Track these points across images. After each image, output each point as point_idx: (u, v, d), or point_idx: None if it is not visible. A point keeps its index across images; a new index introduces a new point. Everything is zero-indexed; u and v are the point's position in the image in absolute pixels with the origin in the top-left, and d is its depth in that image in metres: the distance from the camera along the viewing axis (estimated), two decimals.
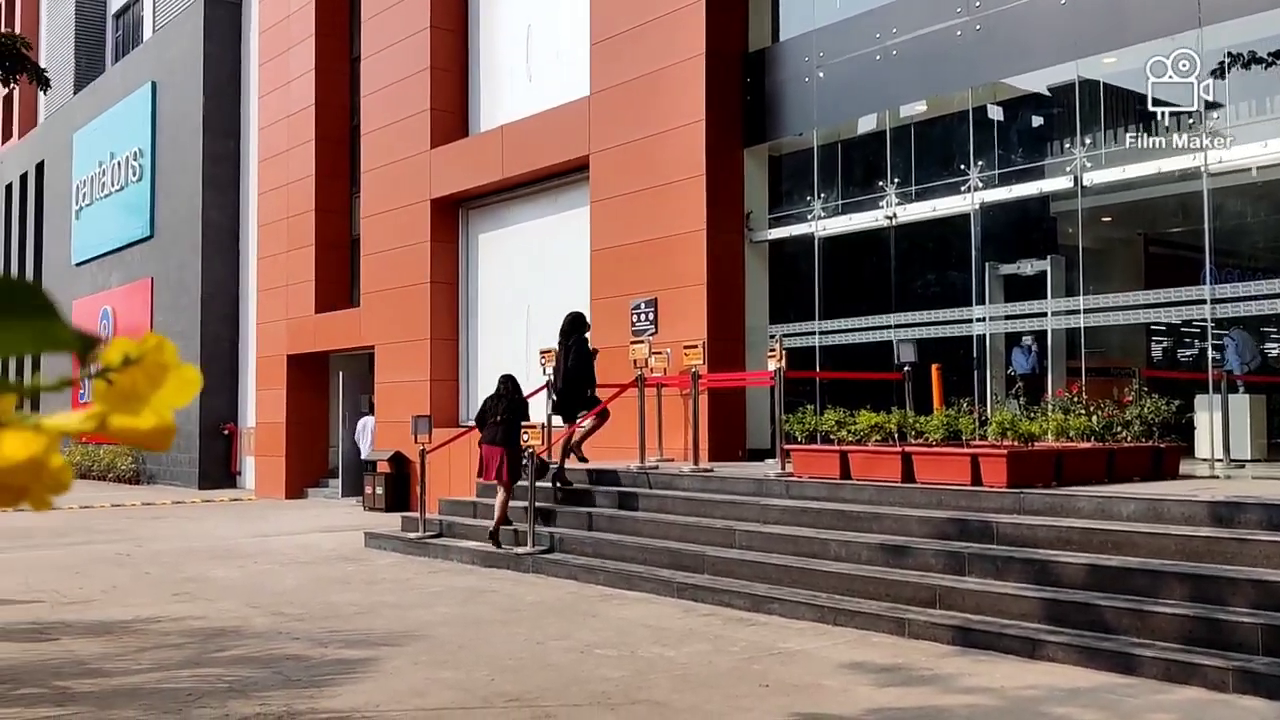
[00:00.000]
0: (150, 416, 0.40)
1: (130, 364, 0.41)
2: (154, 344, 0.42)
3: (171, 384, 0.42)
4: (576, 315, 11.96)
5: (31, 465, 0.39)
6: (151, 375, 0.41)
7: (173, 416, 0.43)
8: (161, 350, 0.43)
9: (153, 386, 0.41)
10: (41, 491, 0.41)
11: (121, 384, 0.41)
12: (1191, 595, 6.42)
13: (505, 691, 5.86)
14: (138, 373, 0.41)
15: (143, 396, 0.41)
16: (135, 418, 0.40)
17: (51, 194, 33.30)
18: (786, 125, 13.59)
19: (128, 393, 0.41)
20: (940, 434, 9.17)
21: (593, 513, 10.83)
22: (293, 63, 21.84)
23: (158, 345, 0.43)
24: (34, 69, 9.82)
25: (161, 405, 0.41)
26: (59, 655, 6.97)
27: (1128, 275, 13.15)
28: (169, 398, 0.42)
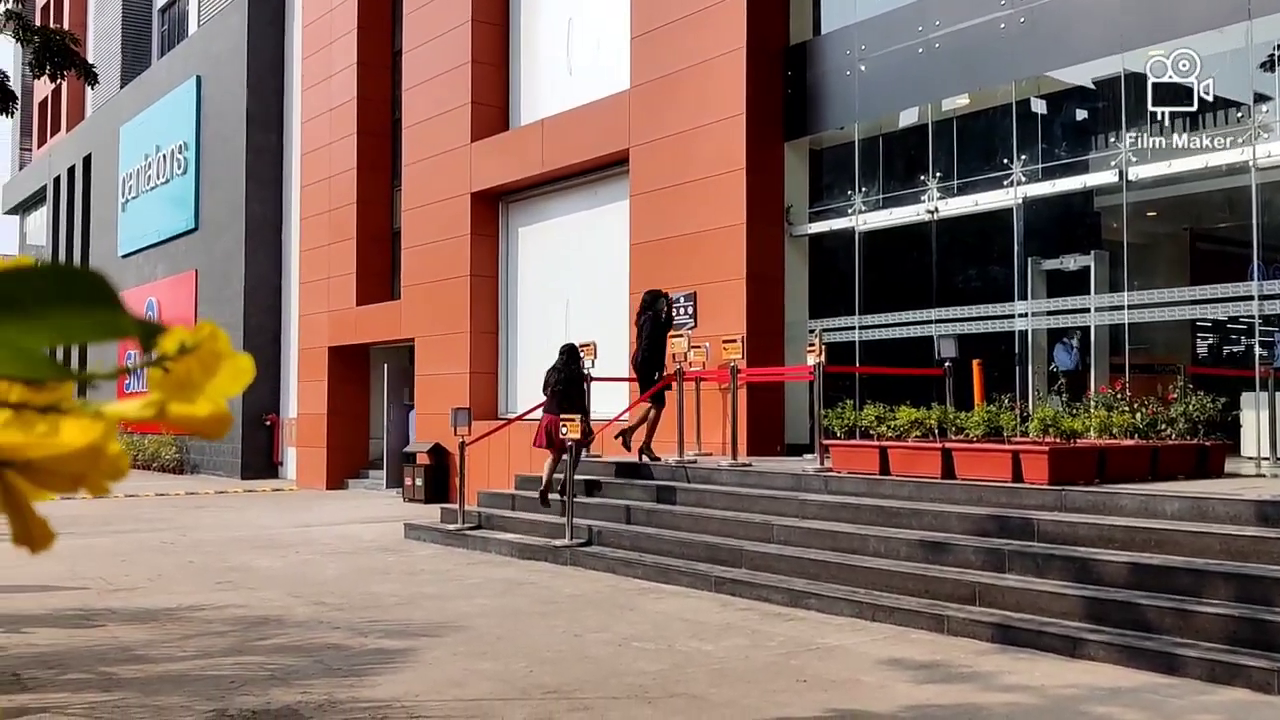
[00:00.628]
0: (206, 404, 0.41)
1: (186, 352, 0.42)
2: (208, 332, 0.43)
3: (225, 372, 0.42)
4: (647, 293, 11.93)
5: (90, 452, 0.40)
6: (205, 364, 0.42)
7: (227, 405, 0.44)
8: (215, 339, 0.43)
9: (207, 375, 0.42)
10: (99, 478, 0.42)
11: (177, 372, 0.42)
12: (1236, 595, 6.34)
13: (543, 683, 5.89)
14: (192, 361, 0.42)
15: (197, 385, 0.41)
16: (192, 406, 0.41)
17: (99, 187, 33.76)
18: (827, 119, 13.52)
19: (183, 381, 0.41)
20: (981, 430, 9.10)
21: (631, 506, 10.84)
22: (335, 57, 22.00)
23: (212, 334, 0.43)
24: (82, 64, 9.95)
25: (215, 394, 0.42)
26: (105, 641, 7.08)
27: (1173, 271, 12.98)
28: (223, 386, 0.42)
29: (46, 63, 9.39)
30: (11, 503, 0.42)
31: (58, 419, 0.40)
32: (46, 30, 9.82)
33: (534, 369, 17.20)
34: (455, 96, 18.31)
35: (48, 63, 9.39)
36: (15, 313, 0.37)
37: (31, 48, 9.48)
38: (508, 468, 15.56)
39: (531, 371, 17.32)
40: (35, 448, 0.40)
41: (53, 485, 0.42)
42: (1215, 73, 10.41)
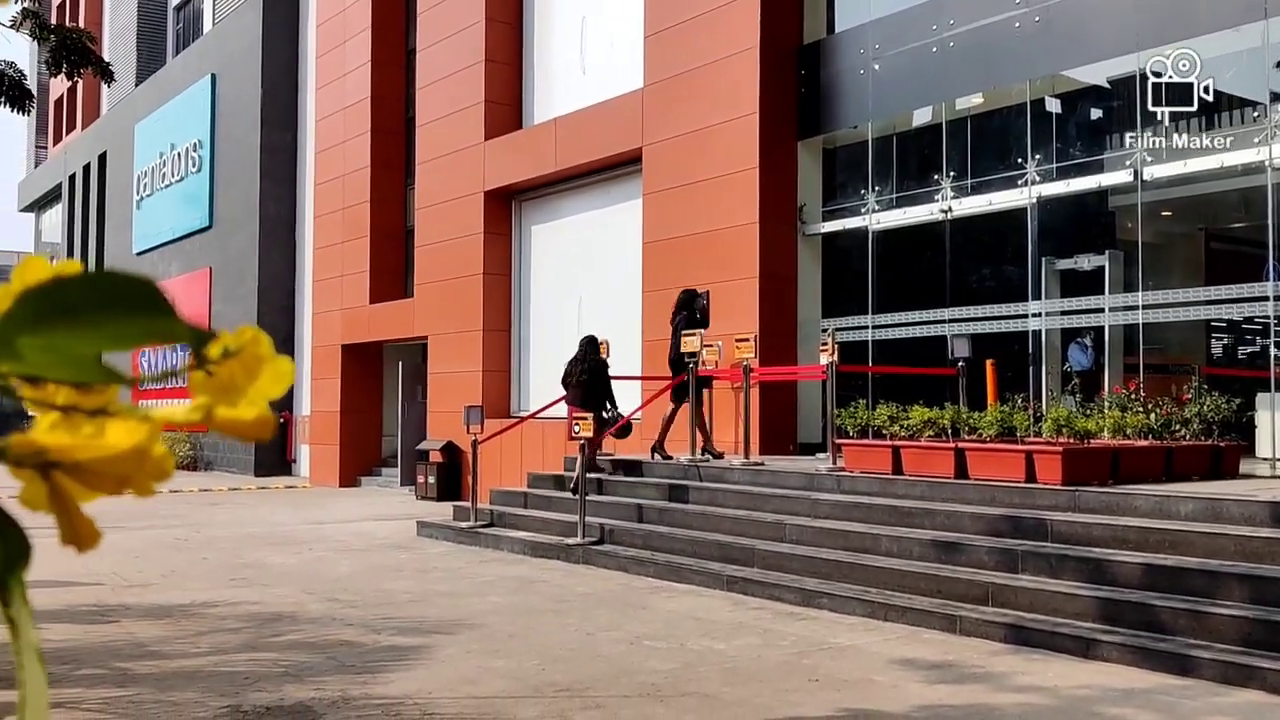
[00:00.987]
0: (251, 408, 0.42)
1: (229, 356, 0.43)
2: (250, 336, 0.44)
3: (267, 376, 0.43)
4: (683, 292, 11.92)
5: (135, 454, 0.40)
6: (248, 367, 0.43)
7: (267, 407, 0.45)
8: (258, 343, 0.44)
9: (249, 379, 0.43)
10: (145, 479, 0.43)
11: (220, 376, 0.43)
12: (1251, 597, 6.32)
13: (556, 681, 5.90)
14: (235, 365, 0.43)
15: (240, 388, 0.42)
16: (237, 409, 0.42)
17: (113, 184, 33.91)
18: (841, 118, 13.51)
19: (226, 385, 0.42)
20: (994, 430, 9.09)
21: (643, 505, 10.85)
22: (349, 55, 22.05)
23: (254, 338, 0.44)
24: (98, 63, 10.00)
25: (257, 397, 0.43)
26: (119, 637, 7.11)
27: (1188, 271, 12.93)
28: (265, 389, 0.43)
29: (63, 61, 9.44)
30: (59, 503, 0.43)
31: (104, 421, 0.41)
32: (63, 29, 9.87)
33: (546, 368, 17.24)
34: (469, 95, 18.34)
35: (64, 61, 9.44)
36: (69, 319, 0.38)
37: (48, 46, 9.53)
38: (520, 466, 15.59)
39: (544, 370, 17.35)
40: (82, 449, 0.41)
41: (99, 486, 0.43)
42: (1230, 72, 10.37)
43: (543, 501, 12.17)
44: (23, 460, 0.44)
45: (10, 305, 0.40)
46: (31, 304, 0.39)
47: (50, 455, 0.43)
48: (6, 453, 0.44)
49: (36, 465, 0.44)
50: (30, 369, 0.40)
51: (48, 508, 0.45)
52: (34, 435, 0.44)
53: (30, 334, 0.39)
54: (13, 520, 0.44)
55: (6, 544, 0.42)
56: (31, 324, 0.39)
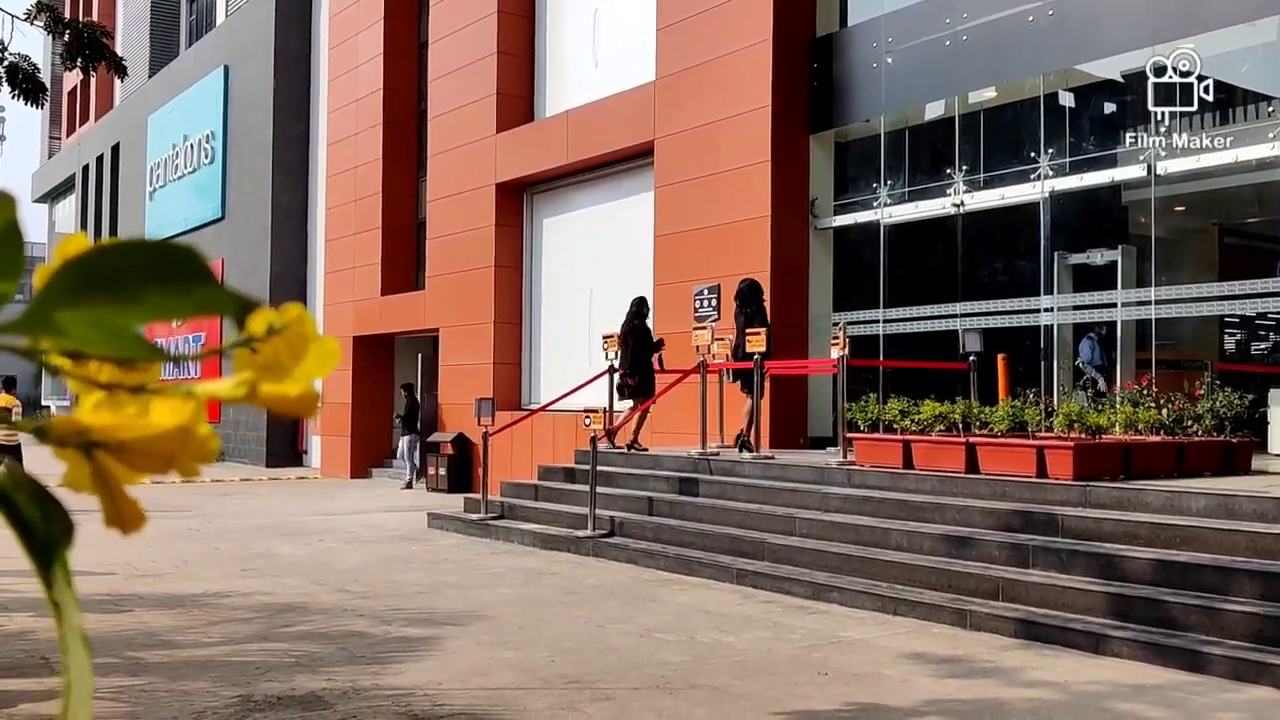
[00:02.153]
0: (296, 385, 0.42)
1: (274, 334, 0.43)
2: (296, 315, 0.44)
3: (313, 355, 0.44)
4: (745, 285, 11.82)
5: (180, 433, 0.41)
6: (293, 346, 0.43)
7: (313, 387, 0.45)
8: (303, 322, 0.45)
9: (295, 358, 0.43)
10: (189, 459, 0.43)
11: (264, 354, 0.43)
12: (1263, 593, 6.30)
13: (565, 673, 5.92)
14: (280, 343, 0.43)
15: (285, 367, 0.42)
16: (282, 385, 0.42)
17: (126, 176, 33.99)
18: (853, 111, 13.48)
19: (270, 363, 0.42)
20: (1005, 425, 9.07)
21: (653, 498, 10.86)
22: (361, 47, 22.06)
23: (299, 316, 0.45)
24: (112, 57, 10.01)
25: (303, 376, 0.43)
26: (132, 626, 7.15)
27: (1201, 266, 12.89)
28: (310, 369, 0.44)
29: (78, 55, 9.46)
30: (103, 484, 0.43)
31: (148, 400, 0.41)
32: (77, 23, 9.88)
33: (557, 360, 17.26)
34: (481, 87, 18.33)
35: (79, 55, 9.45)
36: (110, 291, 0.38)
37: (62, 40, 9.55)
38: (530, 458, 15.61)
39: (554, 363, 17.37)
40: (126, 429, 0.41)
41: (143, 466, 0.43)
42: (1245, 66, 10.33)
43: (553, 494, 12.18)
44: (65, 440, 0.44)
45: (50, 278, 0.40)
46: (72, 276, 0.39)
47: (93, 435, 0.43)
48: (49, 433, 0.44)
49: (80, 445, 0.44)
50: (72, 344, 0.40)
51: (91, 489, 0.46)
52: (77, 415, 0.44)
53: (71, 307, 0.39)
54: (56, 501, 0.44)
55: (50, 525, 0.42)
56: (72, 297, 0.39)
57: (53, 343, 0.39)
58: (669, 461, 11.61)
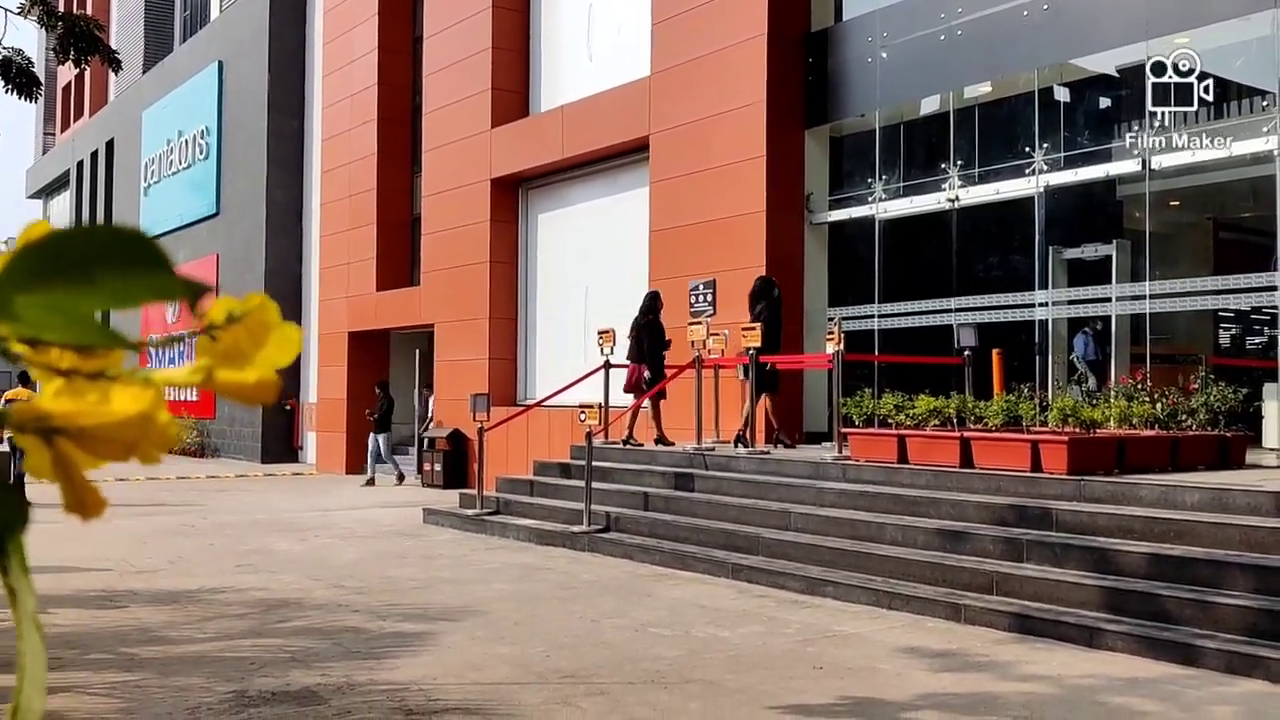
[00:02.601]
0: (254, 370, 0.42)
1: (234, 321, 0.43)
2: (258, 303, 0.44)
3: (274, 343, 0.43)
4: (760, 281, 12.01)
5: (141, 420, 0.40)
6: (254, 333, 0.43)
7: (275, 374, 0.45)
8: (265, 309, 0.44)
9: (256, 345, 0.43)
10: (150, 446, 0.43)
11: (225, 341, 0.43)
12: (1256, 587, 6.32)
13: (560, 668, 5.92)
14: (240, 331, 0.43)
15: (246, 354, 0.42)
16: (240, 372, 0.42)
17: (121, 171, 33.93)
18: (848, 106, 13.47)
19: (231, 350, 0.42)
20: (1000, 419, 9.08)
21: (649, 493, 10.86)
22: (356, 42, 22.02)
23: (261, 304, 0.44)
24: (106, 51, 9.98)
25: (265, 363, 0.43)
26: (126, 622, 7.14)
27: (1196, 260, 12.90)
28: (272, 356, 0.43)
29: (71, 49, 9.43)
30: (63, 471, 0.43)
31: (109, 386, 0.41)
32: (71, 16, 9.86)
33: (552, 356, 17.25)
34: (476, 82, 18.31)
35: (72, 49, 9.43)
36: (67, 275, 0.38)
37: (56, 34, 9.52)
38: (526, 453, 15.60)
39: (550, 358, 17.36)
40: (87, 415, 0.41)
41: (104, 453, 0.43)
42: (1239, 61, 10.33)
43: (549, 489, 12.18)
44: (25, 426, 0.44)
45: (8, 263, 0.39)
46: (29, 261, 0.38)
47: (54, 422, 0.43)
48: (8, 419, 0.44)
49: (40, 432, 0.44)
50: (30, 330, 0.40)
51: (51, 475, 0.45)
52: (38, 401, 0.44)
53: (28, 292, 0.39)
54: (9, 487, 0.44)
55: (3, 510, 0.42)
56: (29, 282, 0.38)
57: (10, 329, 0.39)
58: (664, 457, 11.62)
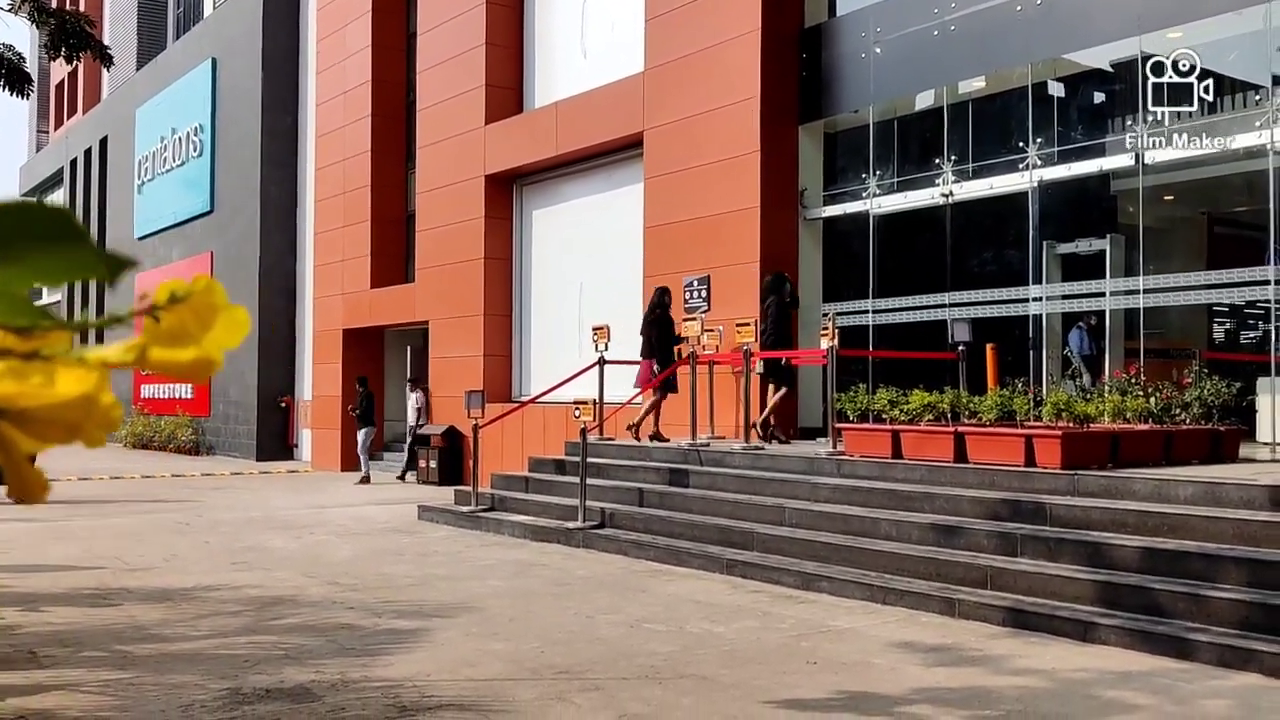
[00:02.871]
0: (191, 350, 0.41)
1: (177, 302, 0.42)
2: (204, 285, 0.44)
3: (221, 325, 0.43)
4: (771, 277, 12.11)
5: (84, 401, 0.40)
6: (201, 316, 0.43)
7: (222, 356, 0.44)
8: (211, 291, 0.44)
9: (203, 327, 0.42)
10: (93, 428, 0.43)
11: (170, 323, 0.42)
12: (1249, 580, 6.33)
13: (554, 664, 5.92)
14: (186, 313, 0.42)
15: (192, 336, 0.42)
16: (175, 350, 0.41)
17: (115, 169, 33.87)
18: (842, 102, 13.47)
19: (176, 332, 0.42)
20: (994, 414, 9.08)
21: (643, 489, 10.86)
22: (349, 39, 21.99)
23: (207, 286, 0.44)
24: (97, 46, 9.96)
25: (212, 346, 0.42)
26: (120, 620, 7.13)
27: (1190, 255, 12.91)
28: (219, 339, 0.43)
29: (62, 45, 9.41)
30: (5, 453, 0.42)
31: (52, 369, 0.40)
32: (62, 13, 9.84)
33: (547, 352, 17.25)
34: (470, 79, 18.29)
35: (63, 45, 9.41)
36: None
37: (47, 30, 9.50)
38: (521, 450, 15.60)
39: (545, 355, 17.36)
40: (28, 397, 0.41)
41: (47, 435, 0.43)
42: (1232, 55, 10.33)
43: (543, 486, 12.18)
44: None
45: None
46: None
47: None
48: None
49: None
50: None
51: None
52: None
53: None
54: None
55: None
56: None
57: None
58: (659, 453, 11.62)
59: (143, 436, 28.67)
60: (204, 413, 26.68)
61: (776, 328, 11.72)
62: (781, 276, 12.07)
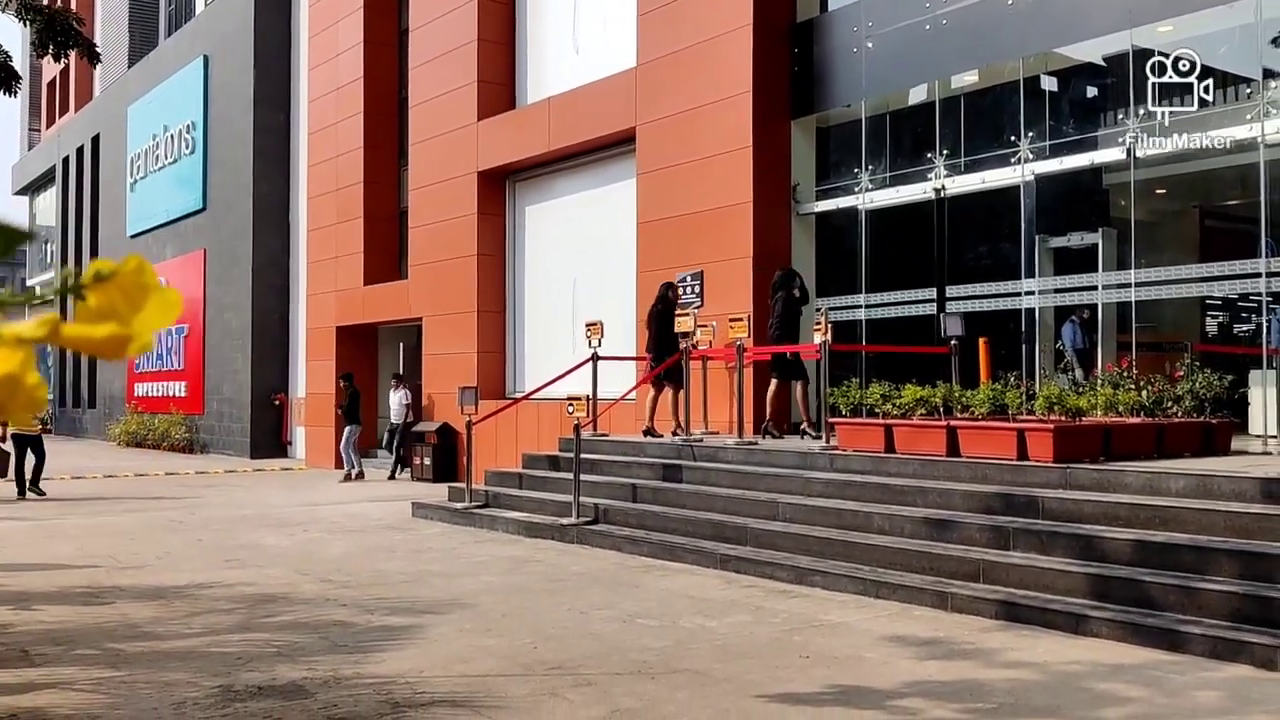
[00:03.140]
0: (107, 326, 0.41)
1: (102, 280, 0.42)
2: (133, 265, 0.43)
3: (153, 306, 0.42)
4: (781, 272, 12.12)
5: (9, 381, 0.40)
6: (131, 297, 0.42)
7: (153, 337, 0.44)
8: (141, 272, 0.44)
9: (133, 308, 0.42)
10: (17, 408, 0.42)
11: (99, 303, 0.42)
12: (1240, 572, 6.34)
13: (547, 659, 5.92)
14: (115, 293, 0.42)
15: (122, 316, 0.41)
16: (89, 327, 0.41)
17: (107, 167, 33.77)
18: (834, 96, 13.46)
19: (105, 312, 0.41)
20: (986, 408, 9.09)
21: (637, 484, 10.86)
22: (342, 35, 21.94)
23: (137, 266, 0.43)
24: (85, 44, 9.92)
25: (143, 327, 0.42)
26: (113, 618, 7.12)
27: (1182, 248, 12.92)
28: (150, 319, 0.42)
29: (50, 42, 9.38)
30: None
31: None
32: (49, 10, 9.80)
33: (541, 348, 17.23)
34: (462, 75, 18.26)
35: (51, 42, 9.38)
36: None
37: (35, 27, 9.47)
38: (515, 447, 15.59)
39: (539, 351, 17.34)
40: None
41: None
42: (1223, 48, 10.34)
43: (537, 482, 12.18)
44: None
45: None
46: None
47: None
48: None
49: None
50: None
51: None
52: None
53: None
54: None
55: None
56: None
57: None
58: (652, 448, 11.62)
59: (136, 435, 28.62)
60: (198, 410, 26.63)
61: (783, 323, 11.70)
62: (791, 272, 12.07)
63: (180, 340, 27.71)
